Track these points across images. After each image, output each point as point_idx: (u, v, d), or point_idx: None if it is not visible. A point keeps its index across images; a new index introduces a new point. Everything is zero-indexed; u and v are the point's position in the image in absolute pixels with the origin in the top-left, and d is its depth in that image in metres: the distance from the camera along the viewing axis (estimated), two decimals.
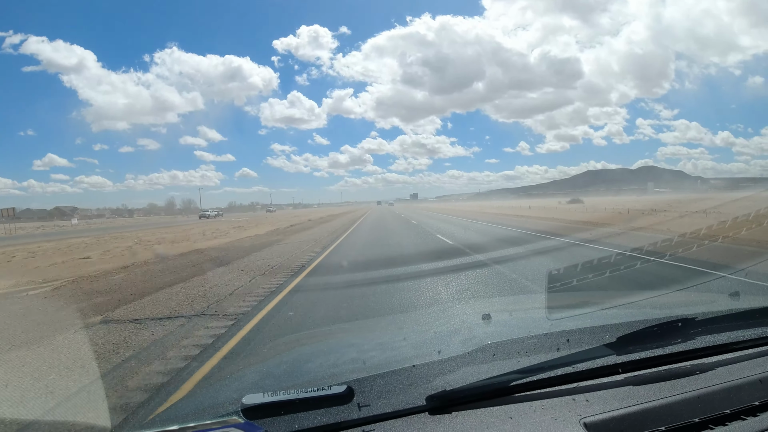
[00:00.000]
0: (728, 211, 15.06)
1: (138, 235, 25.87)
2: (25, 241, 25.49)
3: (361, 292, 6.08)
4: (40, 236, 31.76)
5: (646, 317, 1.44)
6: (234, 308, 5.45)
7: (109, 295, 6.63)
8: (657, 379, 1.13)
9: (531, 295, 5.19)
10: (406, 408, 1.03)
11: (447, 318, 2.05)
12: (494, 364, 1.15)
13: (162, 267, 9.85)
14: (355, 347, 1.66)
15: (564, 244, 11.54)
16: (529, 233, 15.04)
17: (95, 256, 13.99)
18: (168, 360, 3.62)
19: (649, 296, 2.12)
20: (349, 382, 1.06)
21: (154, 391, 2.92)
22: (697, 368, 1.17)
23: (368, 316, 4.73)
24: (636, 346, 1.21)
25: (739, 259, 7.82)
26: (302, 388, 1.05)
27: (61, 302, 6.40)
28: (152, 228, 35.91)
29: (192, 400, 1.40)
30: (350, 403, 1.02)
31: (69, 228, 49.47)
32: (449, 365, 1.15)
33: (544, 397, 1.07)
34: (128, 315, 5.29)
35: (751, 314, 1.43)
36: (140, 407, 2.66)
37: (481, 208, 55.61)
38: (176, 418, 1.11)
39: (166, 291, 6.79)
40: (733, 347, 1.28)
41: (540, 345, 1.23)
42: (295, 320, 4.84)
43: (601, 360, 1.16)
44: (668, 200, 40.87)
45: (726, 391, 1.08)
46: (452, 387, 1.06)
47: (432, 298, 5.68)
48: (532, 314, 1.97)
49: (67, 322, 5.02)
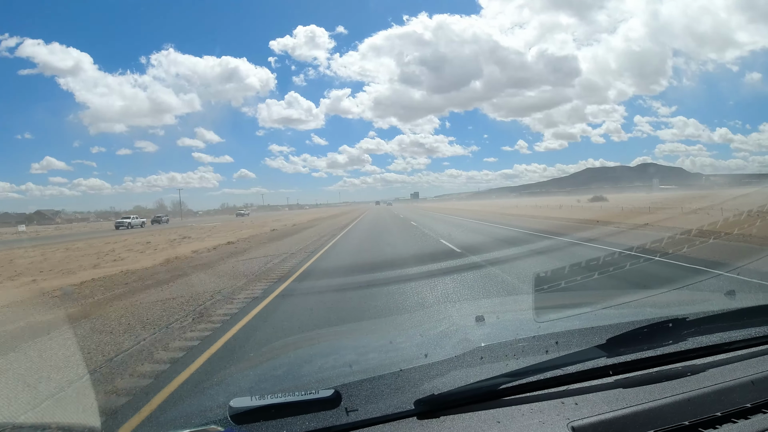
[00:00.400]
0: (740, 204, 14.61)
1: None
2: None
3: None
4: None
5: (636, 318, 1.42)
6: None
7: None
8: (647, 381, 1.11)
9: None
10: (395, 413, 1.02)
11: (435, 321, 2.04)
12: (483, 367, 1.14)
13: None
14: (344, 351, 1.65)
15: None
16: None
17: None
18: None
19: (641, 296, 2.11)
20: (337, 386, 1.05)
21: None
22: (688, 370, 1.16)
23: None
24: (626, 347, 1.19)
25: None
26: (290, 392, 1.05)
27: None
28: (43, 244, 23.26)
29: (180, 405, 1.38)
30: (338, 407, 1.01)
31: (7, 236, 37.33)
32: (437, 369, 1.14)
33: (533, 401, 1.06)
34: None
35: (744, 314, 1.39)
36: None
37: (488, 207, 49.24)
38: (164, 423, 1.13)
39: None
40: (726, 348, 1.26)
41: (529, 348, 1.21)
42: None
43: (590, 362, 1.15)
44: (680, 197, 38.13)
45: (717, 393, 1.07)
46: (440, 391, 1.05)
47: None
48: (521, 316, 1.95)
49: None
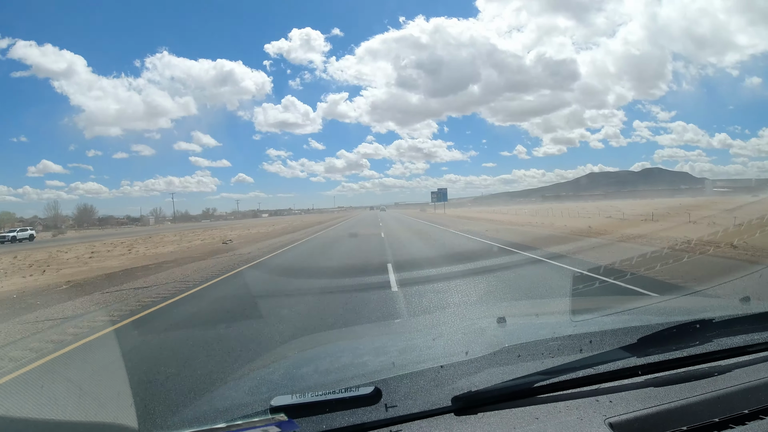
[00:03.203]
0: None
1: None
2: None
3: None
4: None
5: (665, 320, 1.45)
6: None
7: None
8: (676, 380, 1.14)
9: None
10: (433, 408, 1.04)
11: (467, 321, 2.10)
12: (518, 365, 1.16)
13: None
14: (381, 348, 1.66)
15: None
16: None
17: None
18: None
19: (668, 299, 2.20)
20: (376, 382, 1.07)
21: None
22: (715, 370, 1.19)
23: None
24: (656, 348, 1.22)
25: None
26: (329, 389, 1.07)
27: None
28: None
29: (218, 401, 1.37)
30: (377, 403, 1.03)
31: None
32: (474, 366, 1.16)
33: (569, 398, 1.08)
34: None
35: (766, 317, 1.41)
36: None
37: (519, 217, 34.07)
38: (206, 418, 1.12)
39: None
40: (750, 350, 1.29)
41: (563, 347, 1.24)
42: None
43: (622, 362, 1.18)
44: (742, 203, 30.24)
45: (744, 392, 1.10)
46: (477, 388, 1.07)
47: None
48: (556, 317, 1.98)
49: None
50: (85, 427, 1.49)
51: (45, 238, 51.20)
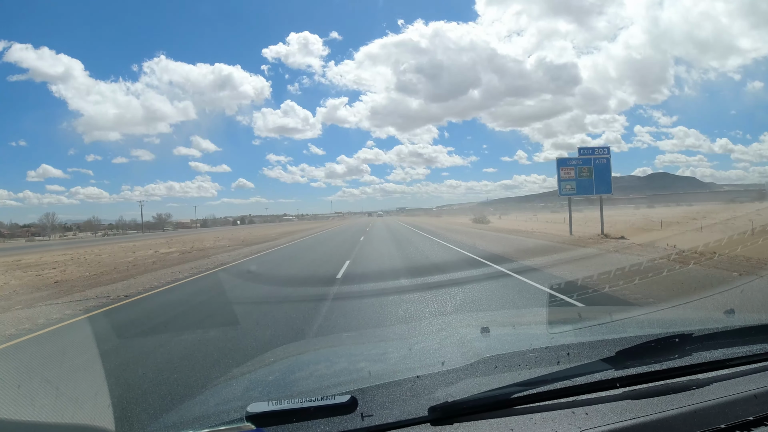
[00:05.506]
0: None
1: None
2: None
3: None
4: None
5: (644, 332, 1.45)
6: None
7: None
8: (654, 393, 1.14)
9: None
10: (409, 418, 1.04)
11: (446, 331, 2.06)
12: (496, 376, 1.17)
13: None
14: (357, 357, 1.67)
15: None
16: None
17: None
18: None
19: (648, 311, 2.15)
20: (353, 391, 1.07)
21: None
22: (693, 383, 1.18)
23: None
24: (634, 360, 1.22)
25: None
26: (306, 397, 1.06)
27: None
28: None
29: (195, 407, 1.36)
30: (353, 413, 1.03)
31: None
32: (451, 377, 1.16)
33: (545, 410, 1.08)
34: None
35: (746, 332, 1.42)
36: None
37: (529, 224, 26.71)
38: (181, 424, 1.12)
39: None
40: (729, 363, 1.29)
41: (541, 358, 1.24)
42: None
43: (599, 374, 1.18)
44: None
45: (722, 406, 1.10)
46: (454, 398, 1.07)
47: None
48: (534, 329, 1.97)
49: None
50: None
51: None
